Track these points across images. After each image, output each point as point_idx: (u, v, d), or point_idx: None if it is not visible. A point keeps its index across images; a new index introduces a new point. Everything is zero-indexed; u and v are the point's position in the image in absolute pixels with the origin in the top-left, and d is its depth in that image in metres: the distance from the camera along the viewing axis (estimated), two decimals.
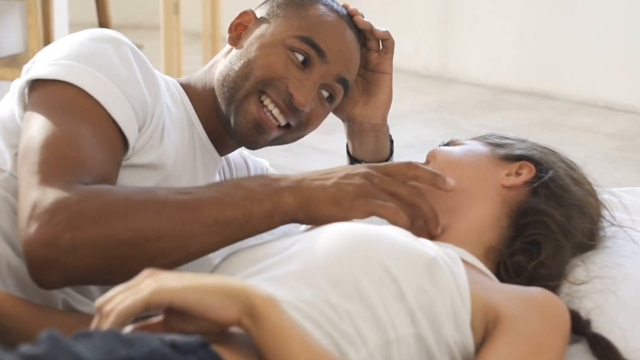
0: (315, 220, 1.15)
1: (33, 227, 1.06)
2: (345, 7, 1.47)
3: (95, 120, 1.20)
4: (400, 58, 5.35)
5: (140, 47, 3.89)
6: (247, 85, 1.37)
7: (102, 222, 1.06)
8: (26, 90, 1.25)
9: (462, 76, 5.17)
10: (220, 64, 1.44)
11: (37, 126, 1.18)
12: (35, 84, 1.24)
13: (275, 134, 1.41)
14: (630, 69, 4.55)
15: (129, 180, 1.25)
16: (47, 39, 3.34)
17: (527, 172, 1.30)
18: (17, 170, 1.17)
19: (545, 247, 1.23)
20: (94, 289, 1.32)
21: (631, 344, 1.16)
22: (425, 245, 1.09)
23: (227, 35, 1.45)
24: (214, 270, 1.18)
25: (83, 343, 0.81)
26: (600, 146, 3.73)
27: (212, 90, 1.43)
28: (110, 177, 1.17)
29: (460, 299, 1.06)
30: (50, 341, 0.79)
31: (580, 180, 1.33)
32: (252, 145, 1.42)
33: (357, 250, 1.05)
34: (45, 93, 1.22)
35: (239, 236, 1.13)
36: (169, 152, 1.32)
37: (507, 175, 1.30)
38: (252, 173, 1.64)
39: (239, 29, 1.44)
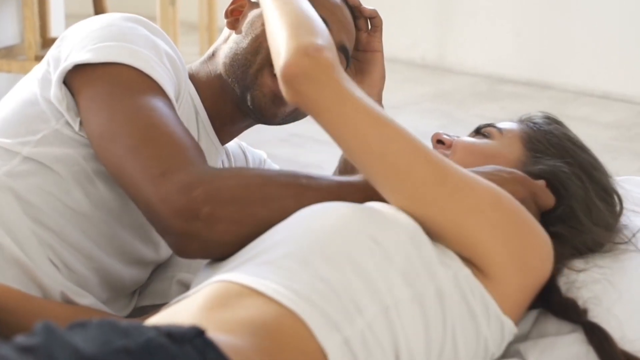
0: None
1: (170, 202, 1.09)
2: None
3: (162, 99, 1.23)
4: (398, 49, 5.36)
5: None
6: (258, 59, 1.38)
7: (242, 201, 1.11)
8: (65, 77, 1.26)
9: (459, 66, 5.16)
10: (223, 49, 1.44)
11: (120, 115, 1.20)
12: (82, 69, 1.25)
13: (288, 109, 1.41)
14: (626, 59, 4.55)
15: None
16: (43, 31, 3.34)
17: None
18: (109, 160, 1.20)
19: None
20: (92, 282, 1.32)
21: (627, 335, 1.16)
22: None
23: (225, 21, 1.46)
24: (207, 264, 1.18)
25: (79, 333, 0.80)
26: (597, 136, 3.72)
27: (217, 77, 1.43)
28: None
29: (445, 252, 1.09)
30: (45, 332, 0.78)
31: (599, 212, 1.28)
32: (271, 119, 1.42)
33: (344, 226, 1.06)
34: (102, 77, 1.24)
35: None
36: None
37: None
38: (250, 164, 1.65)
39: (235, 14, 1.45)
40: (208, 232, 1.10)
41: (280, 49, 1.12)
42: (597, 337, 1.15)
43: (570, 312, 1.18)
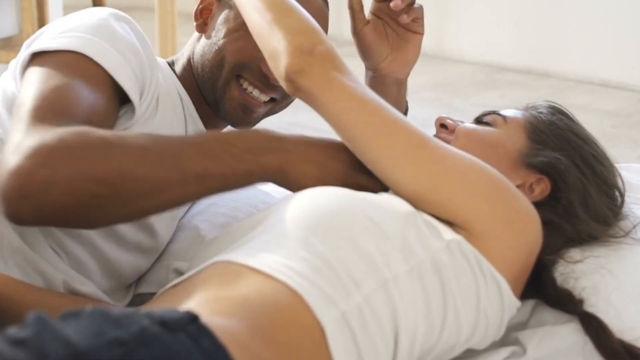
0: (292, 186, 1.17)
1: (11, 163, 1.04)
2: None
3: (92, 79, 1.20)
4: None
5: None
6: (223, 73, 1.39)
7: (80, 160, 1.05)
8: (24, 65, 1.25)
9: (457, 55, 5.16)
10: (196, 52, 1.45)
11: (31, 82, 1.18)
12: (37, 57, 1.24)
13: (263, 109, 1.44)
14: (626, 47, 4.54)
15: None
16: (42, 22, 3.33)
17: (539, 192, 1.26)
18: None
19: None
20: (93, 269, 1.32)
21: (625, 323, 1.16)
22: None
23: (194, 23, 1.45)
24: (206, 246, 1.18)
25: (71, 324, 0.80)
26: (597, 124, 3.72)
27: (195, 79, 1.45)
28: (96, 125, 1.15)
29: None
30: (37, 324, 0.78)
31: (598, 207, 1.28)
32: (246, 126, 1.44)
33: (340, 206, 1.07)
34: (46, 61, 1.22)
35: (216, 190, 1.14)
36: (164, 126, 1.33)
37: (520, 186, 1.25)
38: None
39: (205, 14, 1.45)
40: (43, 194, 1.03)
41: (275, 49, 1.17)
42: (593, 327, 1.15)
43: (565, 303, 1.19)
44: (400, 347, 1.02)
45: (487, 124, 1.34)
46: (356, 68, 1.30)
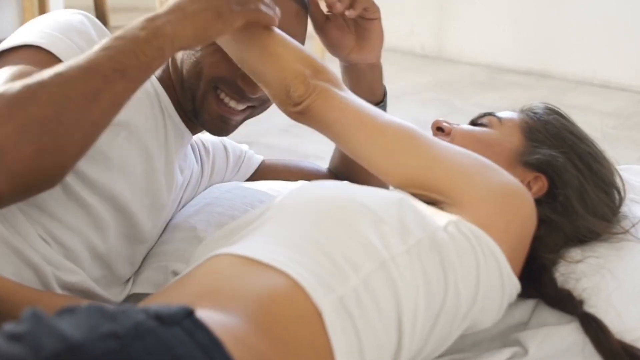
0: (204, 39, 1.20)
1: None
2: None
3: (43, 65, 1.22)
4: (397, 38, 5.35)
5: None
6: (201, 84, 1.41)
7: (12, 110, 1.07)
8: None
9: (458, 56, 5.16)
10: (176, 58, 1.46)
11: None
12: (3, 55, 1.29)
13: (240, 117, 1.47)
14: (626, 47, 4.54)
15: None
16: None
17: (537, 189, 1.28)
18: None
19: (539, 226, 1.23)
20: (84, 256, 1.34)
21: (626, 324, 1.16)
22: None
23: None
24: (203, 245, 1.19)
25: (67, 319, 0.80)
26: (597, 125, 3.72)
27: (171, 79, 1.47)
28: None
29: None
30: (33, 319, 0.78)
31: (596, 203, 1.30)
32: (223, 134, 1.49)
33: (334, 195, 1.09)
34: (5, 59, 1.27)
35: (144, 76, 1.17)
36: (133, 113, 1.35)
37: None
38: (231, 157, 1.70)
39: None
40: (1, 157, 1.05)
41: (276, 78, 1.23)
42: (593, 328, 1.15)
43: (565, 304, 1.19)
44: (404, 329, 1.02)
45: (483, 125, 1.36)
46: None
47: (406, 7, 5.29)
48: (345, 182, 1.15)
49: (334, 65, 1.37)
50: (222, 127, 1.46)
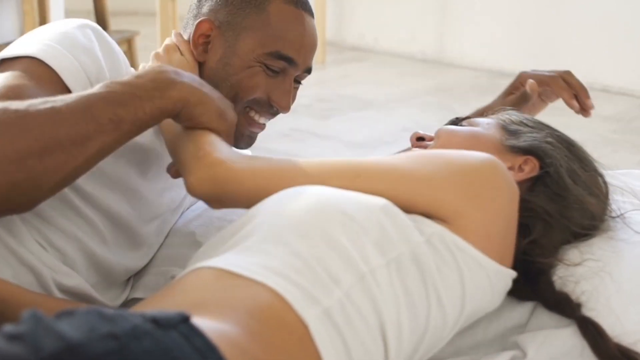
0: (193, 122, 1.22)
1: None
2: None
3: (42, 79, 1.24)
4: (398, 43, 5.36)
5: (136, 34, 3.88)
6: (236, 107, 1.41)
7: (3, 139, 1.06)
8: None
9: (458, 60, 5.17)
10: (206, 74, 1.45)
11: None
12: (2, 65, 1.29)
13: (263, 129, 1.51)
14: (627, 52, 4.55)
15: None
16: None
17: (529, 170, 1.30)
18: None
19: (534, 227, 1.24)
20: (80, 264, 1.34)
21: (625, 327, 1.16)
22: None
23: (194, 51, 1.46)
24: (197, 252, 1.20)
25: (66, 321, 0.81)
26: (598, 129, 3.73)
27: None
28: None
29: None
30: (32, 320, 0.79)
31: (586, 180, 1.32)
32: (249, 147, 1.51)
33: (316, 205, 1.09)
34: (6, 68, 1.27)
35: (135, 132, 1.17)
36: None
37: (510, 168, 1.29)
38: None
39: (201, 40, 1.45)
40: None
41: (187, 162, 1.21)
42: (590, 331, 1.15)
43: (563, 307, 1.19)
44: (389, 342, 1.03)
45: (463, 126, 1.39)
46: (368, 70, 1.29)
47: (407, 12, 5.29)
48: (329, 188, 1.13)
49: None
50: (249, 142, 1.50)
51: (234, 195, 1.17)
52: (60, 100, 1.11)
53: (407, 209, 1.13)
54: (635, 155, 3.48)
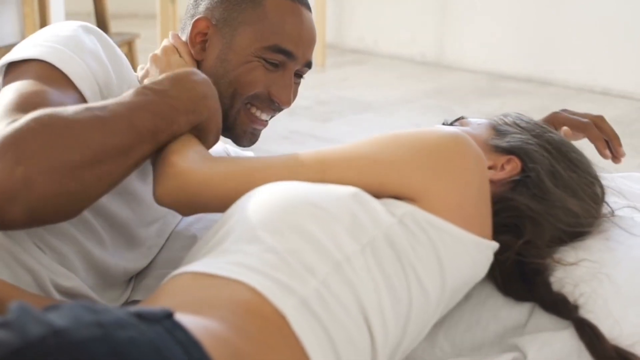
0: (205, 135, 1.27)
1: None
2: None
3: (56, 82, 1.25)
4: (397, 45, 5.36)
5: (136, 36, 3.89)
6: (235, 103, 1.44)
7: (51, 148, 1.08)
8: (1, 77, 1.31)
9: (458, 63, 5.17)
10: (204, 70, 1.46)
11: (6, 89, 1.23)
12: (10, 68, 1.30)
13: (266, 125, 1.51)
14: (627, 55, 4.55)
15: None
16: None
17: (511, 169, 1.31)
18: None
19: (524, 226, 1.24)
20: (78, 264, 1.34)
21: (623, 329, 1.16)
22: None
23: (192, 50, 1.46)
24: (186, 260, 1.21)
25: (52, 312, 0.83)
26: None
27: None
28: None
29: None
30: (19, 310, 0.81)
31: (569, 183, 1.32)
32: (252, 144, 1.51)
33: (285, 199, 1.10)
34: (17, 72, 1.27)
35: (166, 143, 1.21)
36: None
37: (491, 168, 1.30)
38: None
39: (199, 39, 1.46)
40: (27, 191, 1.06)
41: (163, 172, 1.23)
42: (587, 333, 1.16)
43: (560, 308, 1.19)
44: (373, 327, 1.04)
45: (454, 126, 1.40)
46: (367, 72, 1.29)
47: (407, 15, 5.30)
48: (298, 183, 1.14)
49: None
50: (252, 139, 1.50)
51: (204, 201, 1.19)
52: (99, 108, 1.13)
53: (378, 194, 1.14)
54: (635, 158, 3.48)
